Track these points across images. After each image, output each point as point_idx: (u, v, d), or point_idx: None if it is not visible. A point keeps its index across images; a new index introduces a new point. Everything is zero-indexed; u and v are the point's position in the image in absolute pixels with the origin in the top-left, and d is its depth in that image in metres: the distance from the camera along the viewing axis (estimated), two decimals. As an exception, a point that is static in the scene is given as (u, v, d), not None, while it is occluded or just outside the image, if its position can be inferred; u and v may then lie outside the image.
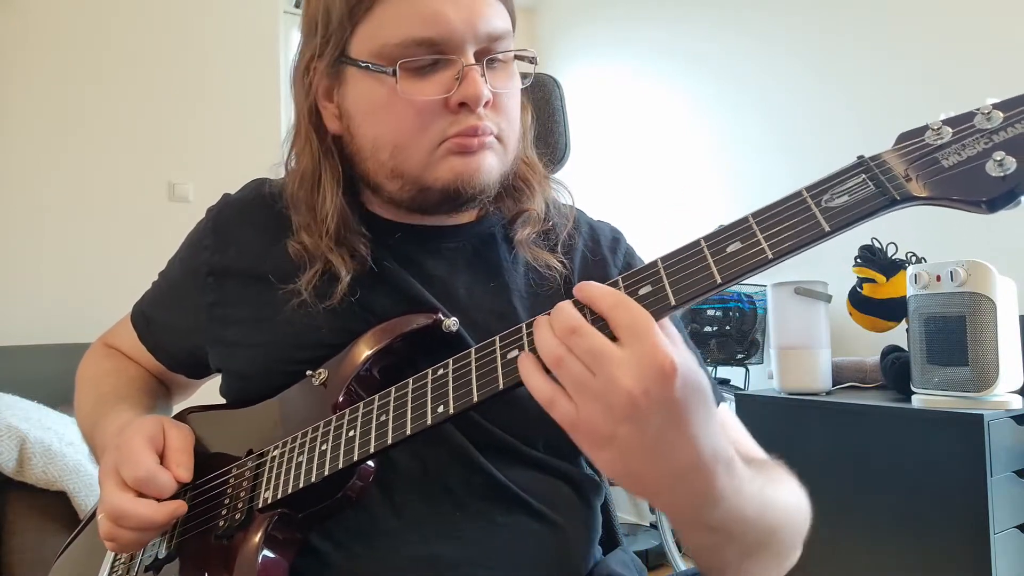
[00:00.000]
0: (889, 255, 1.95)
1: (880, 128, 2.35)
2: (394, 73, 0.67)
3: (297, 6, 3.20)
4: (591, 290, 0.52)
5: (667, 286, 0.52)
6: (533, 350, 0.54)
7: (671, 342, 0.49)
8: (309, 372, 0.72)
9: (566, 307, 0.52)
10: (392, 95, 0.68)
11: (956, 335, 1.57)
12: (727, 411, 0.78)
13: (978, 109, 0.49)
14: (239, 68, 2.96)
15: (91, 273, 2.63)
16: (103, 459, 0.72)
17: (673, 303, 0.52)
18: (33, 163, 2.62)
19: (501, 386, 0.57)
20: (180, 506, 0.68)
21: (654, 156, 3.14)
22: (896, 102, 2.24)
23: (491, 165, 0.71)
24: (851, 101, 2.38)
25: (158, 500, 0.67)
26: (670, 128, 3.07)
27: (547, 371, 0.53)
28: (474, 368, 0.60)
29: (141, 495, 0.67)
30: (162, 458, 0.70)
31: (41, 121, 2.64)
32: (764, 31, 2.68)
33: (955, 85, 2.09)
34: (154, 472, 0.67)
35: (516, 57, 0.74)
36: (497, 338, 0.60)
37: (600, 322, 0.51)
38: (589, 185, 3.08)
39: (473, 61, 0.68)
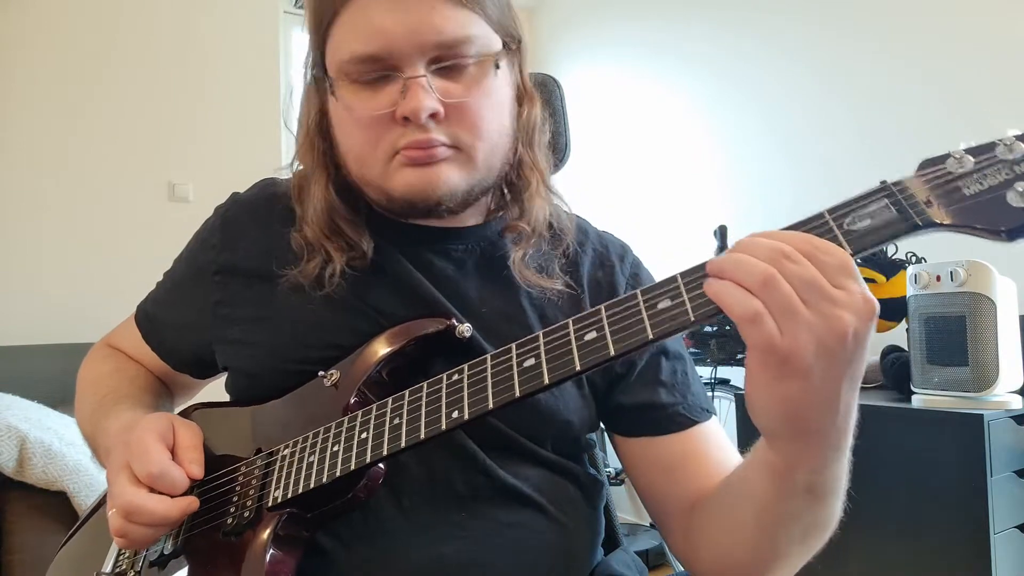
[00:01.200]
0: (889, 255, 1.96)
1: (880, 128, 2.37)
2: (331, 89, 0.70)
3: (297, 6, 3.20)
4: (782, 233, 0.50)
5: (686, 300, 0.52)
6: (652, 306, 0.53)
7: None
8: (321, 373, 0.72)
9: (767, 234, 0.50)
10: (346, 110, 0.71)
11: (956, 335, 1.57)
12: (719, 427, 0.78)
13: (1000, 140, 0.50)
14: (239, 68, 2.96)
15: (91, 273, 2.63)
16: (112, 455, 0.72)
17: (692, 319, 0.52)
18: (33, 163, 2.62)
19: (518, 394, 0.58)
20: (192, 502, 0.68)
21: (654, 156, 3.14)
22: (895, 103, 2.24)
23: (449, 176, 0.70)
24: (851, 102, 2.38)
25: (170, 496, 0.67)
26: (670, 128, 3.08)
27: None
28: (490, 375, 0.60)
29: (152, 491, 0.67)
30: (172, 455, 0.70)
31: (41, 121, 2.64)
32: (764, 31, 2.68)
33: (955, 85, 2.09)
34: (167, 468, 0.67)
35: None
36: (514, 345, 0.61)
37: None
38: (590, 185, 3.09)
39: (420, 72, 0.67)
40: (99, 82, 2.72)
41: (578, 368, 0.55)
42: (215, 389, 0.91)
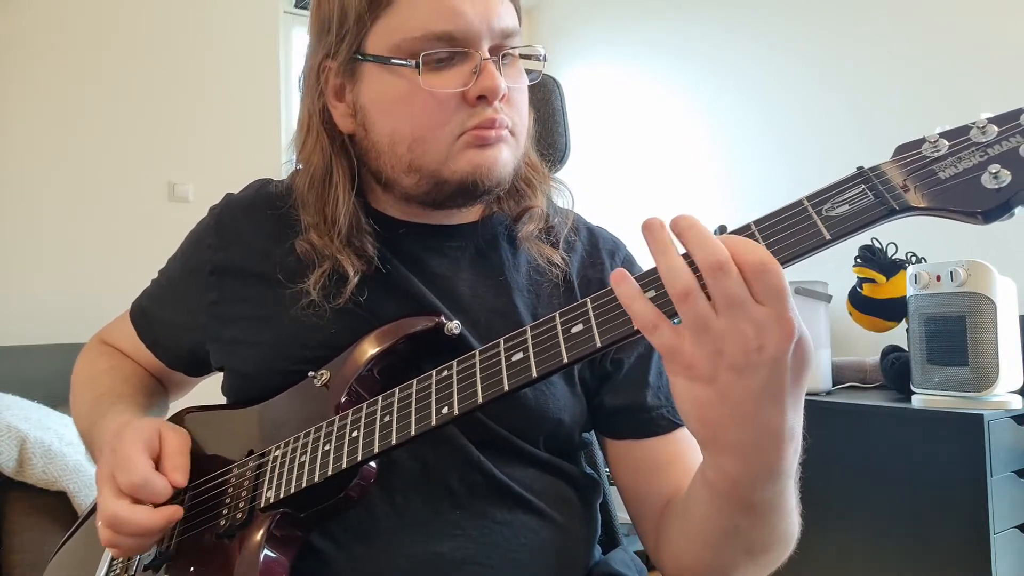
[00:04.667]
0: (889, 255, 1.95)
1: (879, 128, 2.37)
2: (417, 66, 0.68)
3: (297, 6, 3.20)
4: (736, 243, 0.49)
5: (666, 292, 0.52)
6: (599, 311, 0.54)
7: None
8: (311, 373, 0.72)
9: (712, 238, 0.48)
10: (412, 88, 0.69)
11: (956, 335, 1.57)
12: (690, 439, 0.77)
13: (973, 123, 0.50)
14: (239, 68, 2.96)
15: (91, 273, 2.63)
16: (99, 463, 0.72)
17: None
18: (33, 163, 2.62)
19: (506, 387, 0.58)
20: (176, 511, 0.68)
21: (654, 156, 3.14)
22: (895, 103, 2.24)
23: (506, 158, 0.72)
24: (851, 102, 2.38)
25: (155, 505, 0.67)
26: (670, 128, 3.07)
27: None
28: (479, 370, 0.60)
29: (138, 501, 0.67)
30: (158, 462, 0.70)
31: (41, 121, 2.64)
32: (764, 31, 2.68)
33: (954, 85, 2.09)
34: (149, 478, 0.67)
35: (525, 56, 0.75)
36: (502, 340, 0.61)
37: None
38: (589, 185, 3.08)
39: (488, 56, 0.69)
40: (99, 82, 2.72)
41: (565, 360, 0.56)
42: (209, 390, 0.91)
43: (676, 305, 0.49)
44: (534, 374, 0.57)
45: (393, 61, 0.69)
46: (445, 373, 0.63)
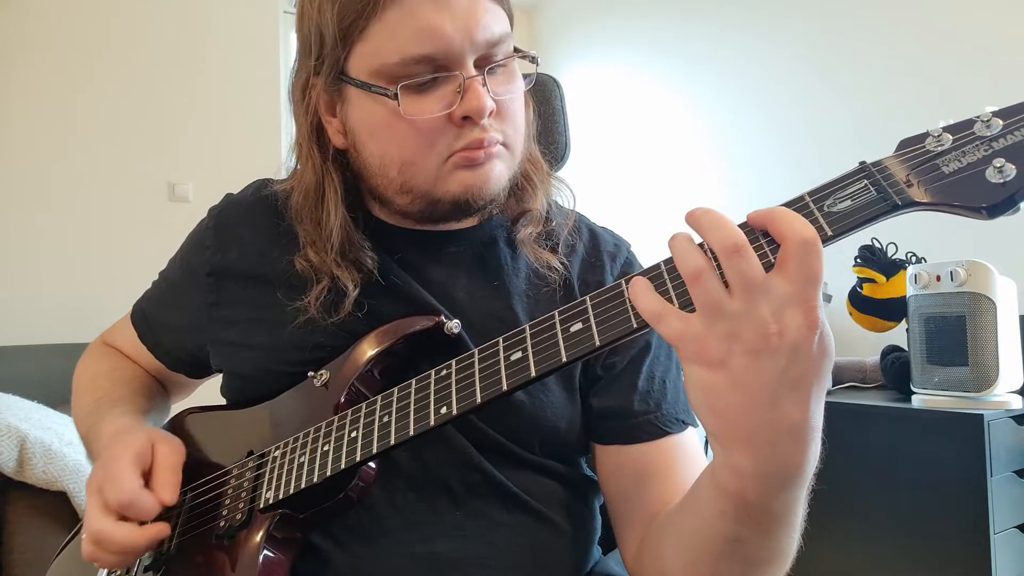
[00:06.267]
0: (889, 255, 1.95)
1: (879, 128, 2.37)
2: (395, 96, 0.66)
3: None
4: (793, 216, 0.46)
5: (670, 289, 0.51)
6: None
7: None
8: (311, 373, 0.72)
9: (728, 222, 0.47)
10: (395, 115, 0.67)
11: (956, 335, 1.57)
12: (695, 440, 0.76)
13: (978, 116, 0.49)
14: (239, 68, 2.96)
15: (91, 273, 2.63)
16: (92, 472, 0.71)
17: (677, 306, 0.51)
18: (33, 163, 2.62)
19: (505, 387, 0.57)
20: (162, 529, 0.67)
21: (654, 156, 3.14)
22: (895, 102, 2.24)
23: (500, 173, 0.70)
24: (850, 101, 2.38)
25: (142, 523, 0.67)
26: (670, 128, 3.07)
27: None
28: (477, 370, 0.60)
29: (124, 518, 0.66)
30: (149, 476, 0.69)
31: (41, 121, 2.64)
32: (764, 31, 2.68)
33: (953, 85, 2.09)
34: (136, 496, 0.66)
35: (521, 55, 0.73)
36: (500, 340, 0.60)
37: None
38: (589, 185, 3.08)
39: (473, 71, 0.67)
40: (99, 82, 2.72)
41: (564, 360, 0.55)
42: (210, 390, 0.91)
43: (688, 287, 0.47)
44: (533, 373, 0.56)
45: (373, 89, 0.67)
46: (444, 373, 0.63)
